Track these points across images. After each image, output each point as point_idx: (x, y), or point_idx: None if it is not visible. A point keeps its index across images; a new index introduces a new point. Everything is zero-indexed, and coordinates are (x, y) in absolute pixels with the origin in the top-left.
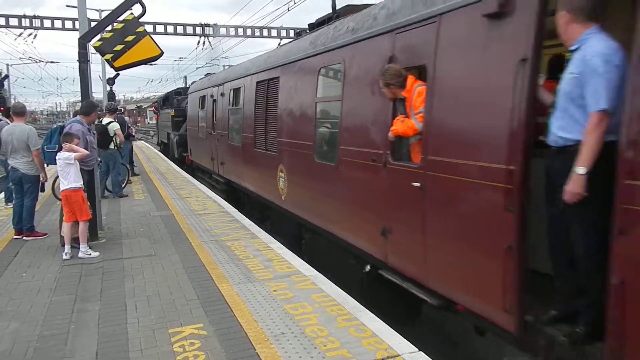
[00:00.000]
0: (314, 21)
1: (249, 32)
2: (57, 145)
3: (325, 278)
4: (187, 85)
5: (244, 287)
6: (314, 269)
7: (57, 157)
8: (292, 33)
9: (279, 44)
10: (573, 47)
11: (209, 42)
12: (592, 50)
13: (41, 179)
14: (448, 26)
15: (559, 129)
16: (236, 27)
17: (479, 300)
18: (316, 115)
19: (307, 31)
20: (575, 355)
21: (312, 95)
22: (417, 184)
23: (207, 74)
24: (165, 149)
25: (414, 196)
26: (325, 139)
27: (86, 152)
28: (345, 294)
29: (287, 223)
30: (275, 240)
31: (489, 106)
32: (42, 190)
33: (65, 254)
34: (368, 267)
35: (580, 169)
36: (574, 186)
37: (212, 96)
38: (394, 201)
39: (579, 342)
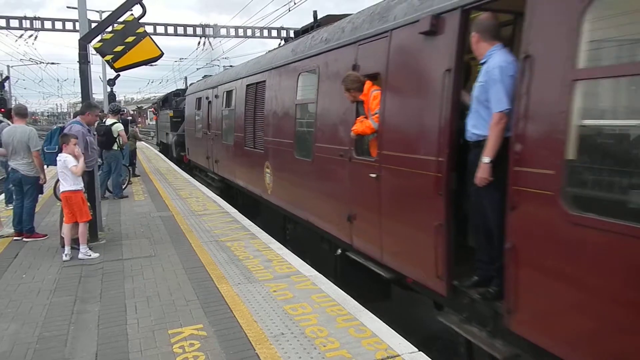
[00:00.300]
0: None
1: (249, 32)
2: (57, 147)
3: (325, 278)
4: (186, 87)
5: (243, 288)
6: (314, 270)
7: (57, 159)
8: (292, 33)
9: (279, 44)
10: (482, 61)
11: (209, 42)
12: (493, 63)
13: (40, 180)
14: (396, 40)
15: (472, 127)
16: (236, 28)
17: (419, 271)
18: (296, 116)
19: (293, 37)
20: (487, 310)
21: (292, 97)
22: (374, 175)
23: (205, 76)
24: (164, 149)
25: (372, 186)
26: (303, 137)
27: (79, 170)
28: (345, 294)
29: (273, 215)
30: (275, 240)
31: (423, 108)
32: (41, 192)
33: (65, 255)
34: (339, 251)
35: (485, 159)
36: (482, 173)
37: (207, 98)
38: (357, 191)
39: (490, 299)
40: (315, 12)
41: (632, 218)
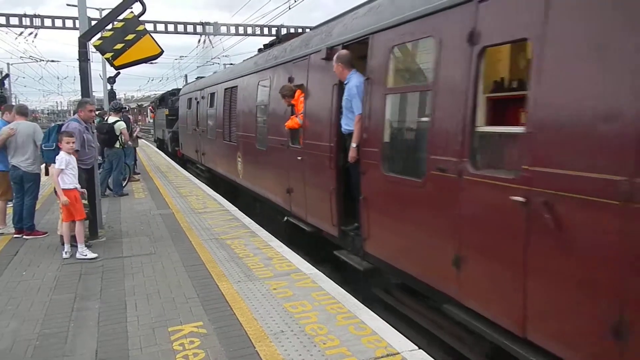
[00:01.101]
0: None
1: (249, 30)
2: (54, 144)
3: (325, 276)
4: (186, 83)
5: (243, 286)
6: (314, 268)
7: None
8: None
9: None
10: (345, 82)
11: (209, 40)
12: (352, 83)
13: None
14: (312, 62)
15: (345, 124)
16: (236, 26)
17: (324, 223)
18: (256, 115)
19: (263, 48)
20: (358, 242)
21: (254, 100)
22: (300, 158)
23: (198, 77)
24: (161, 144)
25: (299, 166)
26: (261, 131)
27: (52, 172)
28: (345, 292)
29: (245, 196)
30: (275, 238)
31: (323, 110)
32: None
33: (65, 252)
34: (286, 218)
35: (353, 144)
36: (352, 153)
37: (196, 99)
38: (291, 170)
39: (358, 235)
40: (278, 31)
41: (409, 174)
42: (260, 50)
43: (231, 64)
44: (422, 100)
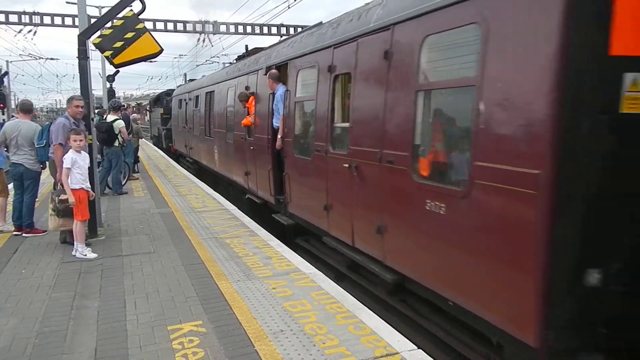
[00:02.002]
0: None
1: (249, 29)
2: (44, 141)
3: (325, 276)
4: (186, 81)
5: (243, 285)
6: (313, 267)
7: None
8: (292, 30)
9: (279, 41)
10: (275, 92)
11: (209, 39)
12: (278, 93)
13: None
14: (258, 76)
15: (275, 122)
16: (236, 25)
17: (266, 194)
18: (227, 115)
19: (236, 60)
20: (285, 206)
21: (225, 103)
22: (252, 147)
23: (190, 79)
24: (157, 141)
25: (252, 154)
26: (230, 127)
27: (59, 173)
28: (344, 291)
29: (222, 182)
30: (274, 238)
31: (265, 112)
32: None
33: (75, 251)
34: (247, 196)
35: (279, 136)
36: (278, 143)
37: (185, 100)
38: (249, 157)
39: (287, 203)
40: (246, 46)
41: (305, 155)
42: (236, 60)
43: (230, 62)
44: (311, 107)
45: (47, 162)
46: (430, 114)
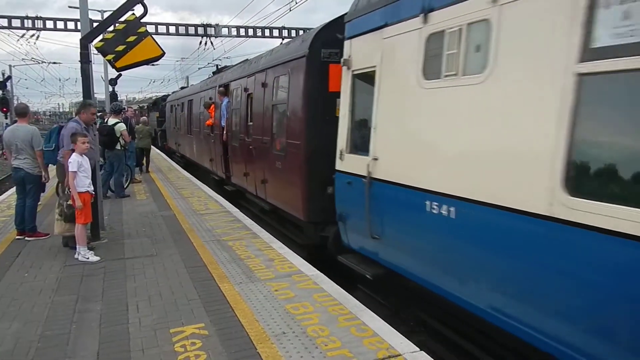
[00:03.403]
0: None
1: (250, 32)
2: (54, 145)
3: (327, 278)
4: (187, 85)
5: (245, 287)
6: (315, 269)
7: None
8: (294, 33)
9: (281, 43)
10: (222, 103)
11: (211, 42)
12: (223, 103)
13: (43, 179)
14: (216, 90)
15: (222, 122)
16: (238, 27)
17: (221, 173)
18: (200, 118)
19: (212, 74)
20: (230, 178)
21: (199, 109)
22: (212, 141)
23: (182, 87)
24: (153, 141)
25: (213, 145)
26: (201, 127)
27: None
28: (346, 293)
29: (200, 170)
30: (276, 240)
31: (218, 115)
32: (44, 190)
33: (78, 254)
34: (212, 177)
35: (224, 132)
36: (224, 136)
37: (174, 106)
38: (210, 148)
39: (230, 177)
40: (217, 65)
41: (237, 142)
42: (212, 74)
43: (232, 65)
44: (238, 112)
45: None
46: (277, 118)
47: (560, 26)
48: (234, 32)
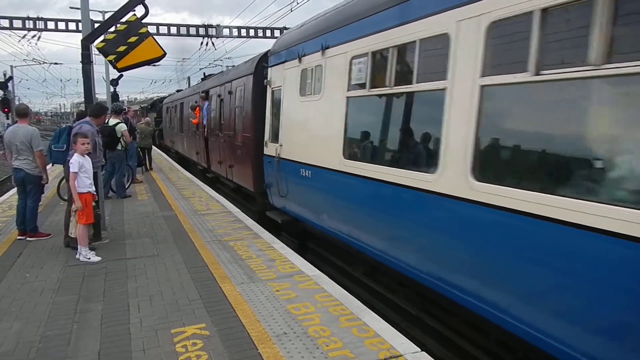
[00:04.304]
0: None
1: (252, 32)
2: (64, 145)
3: (328, 278)
4: (189, 85)
5: (246, 287)
6: (316, 269)
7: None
8: None
9: (211, 75)
10: (204, 105)
11: (212, 43)
12: (205, 106)
13: (42, 180)
14: (198, 95)
15: (204, 122)
16: (239, 28)
17: (203, 163)
18: (189, 117)
19: (201, 80)
20: (209, 164)
21: (188, 111)
22: (197, 137)
23: (177, 90)
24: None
25: (197, 140)
26: (188, 125)
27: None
28: (348, 294)
29: (190, 163)
30: (278, 240)
31: (201, 116)
32: (43, 191)
33: (79, 255)
34: (200, 167)
35: (205, 129)
36: (205, 133)
37: (169, 107)
38: (197, 143)
39: (210, 166)
40: (204, 72)
41: (213, 137)
42: (201, 80)
43: (233, 65)
44: (214, 113)
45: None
46: (237, 118)
47: (343, 72)
48: (235, 32)
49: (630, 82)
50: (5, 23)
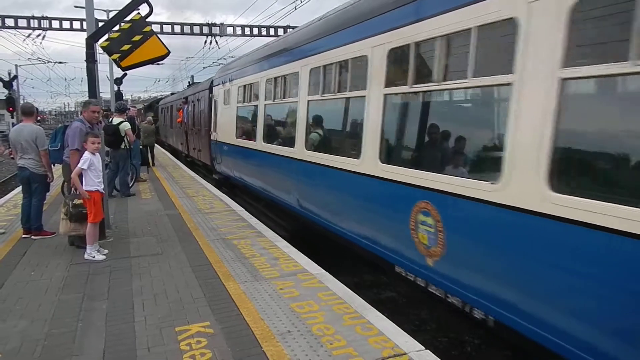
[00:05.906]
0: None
1: (255, 31)
2: (59, 144)
3: (332, 276)
4: (192, 83)
5: (250, 286)
6: (320, 268)
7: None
8: None
9: (195, 83)
10: (185, 108)
11: (216, 41)
12: (184, 110)
13: (47, 179)
14: (181, 101)
15: (185, 120)
16: (242, 27)
17: (186, 152)
18: (176, 117)
19: (188, 86)
20: (189, 154)
21: (176, 112)
22: (185, 132)
23: (172, 93)
24: None
25: (183, 134)
26: (177, 123)
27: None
28: (351, 292)
29: (178, 153)
30: (281, 238)
31: (185, 116)
32: (48, 190)
33: (88, 254)
34: (184, 154)
35: (185, 126)
36: (184, 127)
37: (164, 107)
38: (185, 137)
39: (188, 153)
40: (192, 76)
41: (194, 133)
42: (188, 85)
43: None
44: (193, 115)
45: (59, 164)
46: (201, 117)
47: (236, 94)
48: (238, 31)
49: None
50: (10, 22)
